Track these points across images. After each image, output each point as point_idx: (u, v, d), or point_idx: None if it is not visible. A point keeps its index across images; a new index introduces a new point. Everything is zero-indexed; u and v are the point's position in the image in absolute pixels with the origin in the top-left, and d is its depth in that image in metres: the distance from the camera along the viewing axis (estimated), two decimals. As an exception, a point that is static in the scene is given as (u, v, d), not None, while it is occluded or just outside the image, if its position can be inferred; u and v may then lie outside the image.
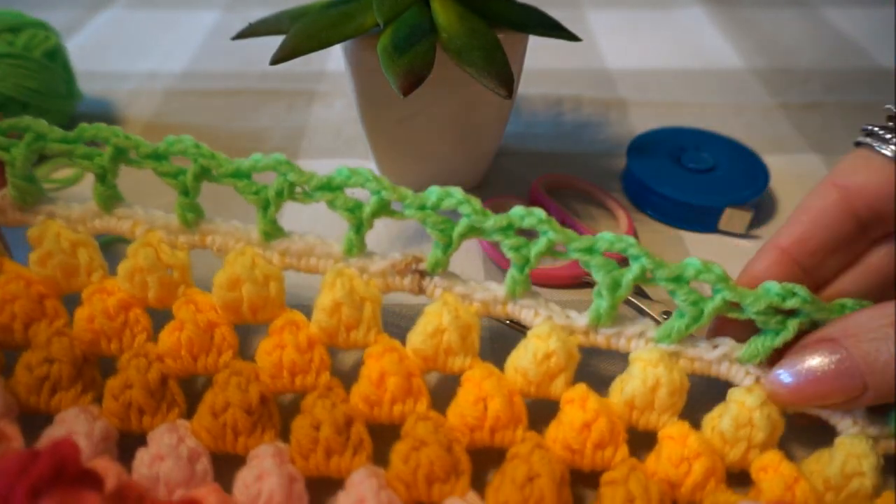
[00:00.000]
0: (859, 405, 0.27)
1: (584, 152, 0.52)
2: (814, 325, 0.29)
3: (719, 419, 0.28)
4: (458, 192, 0.29)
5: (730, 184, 0.44)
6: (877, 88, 0.61)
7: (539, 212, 0.29)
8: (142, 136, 0.31)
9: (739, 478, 0.28)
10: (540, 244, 0.29)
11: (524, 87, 0.50)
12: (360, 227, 0.30)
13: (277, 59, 0.35)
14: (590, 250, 0.29)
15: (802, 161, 0.51)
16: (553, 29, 0.39)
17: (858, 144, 0.31)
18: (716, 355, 0.29)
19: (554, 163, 0.50)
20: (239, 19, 0.51)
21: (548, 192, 0.44)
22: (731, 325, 0.30)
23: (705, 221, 0.44)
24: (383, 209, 0.30)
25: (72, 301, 0.31)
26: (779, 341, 0.28)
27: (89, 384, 0.29)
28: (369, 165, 0.47)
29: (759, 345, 0.29)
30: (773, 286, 0.28)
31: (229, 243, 0.32)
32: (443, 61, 0.34)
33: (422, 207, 0.30)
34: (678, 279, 0.28)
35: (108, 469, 0.25)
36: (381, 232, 0.44)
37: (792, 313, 0.28)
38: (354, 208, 0.30)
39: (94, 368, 0.30)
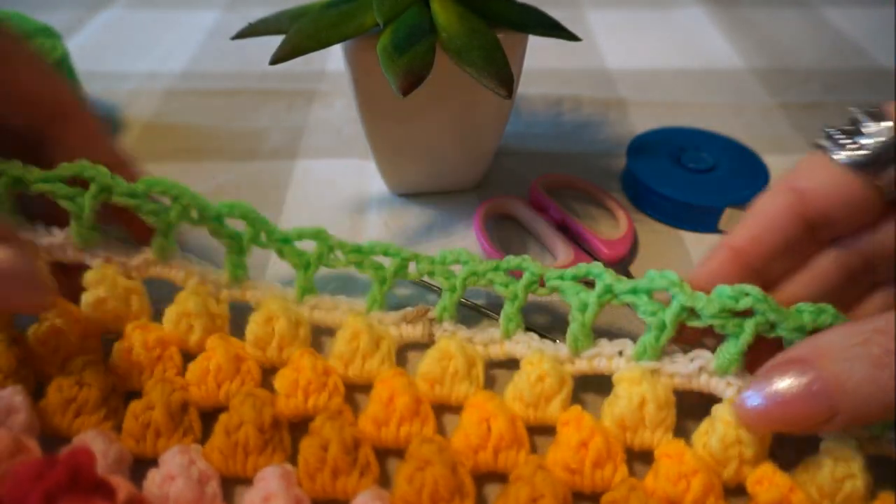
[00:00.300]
0: (830, 429, 0.26)
1: (583, 152, 0.52)
2: (772, 327, 0.29)
3: (707, 437, 0.29)
4: (463, 252, 0.33)
5: (730, 184, 0.44)
6: (877, 88, 0.60)
7: (525, 257, 0.33)
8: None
9: (736, 491, 0.29)
10: (524, 280, 0.32)
11: (524, 87, 0.50)
12: (383, 284, 0.34)
13: (277, 59, 0.35)
14: (561, 277, 0.32)
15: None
16: (553, 29, 0.39)
17: (817, 146, 0.31)
18: (693, 369, 0.30)
19: (554, 163, 0.50)
20: (239, 19, 0.51)
21: (547, 192, 0.44)
22: (692, 330, 0.30)
23: (705, 221, 0.44)
24: (403, 269, 0.34)
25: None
26: (741, 345, 0.29)
27: (112, 413, 0.30)
28: (369, 165, 0.47)
29: (726, 353, 0.29)
30: (725, 289, 0.29)
31: (267, 298, 0.34)
32: (442, 61, 0.34)
33: (431, 263, 0.34)
34: (634, 291, 0.30)
35: (120, 484, 0.26)
36: (382, 233, 0.44)
37: (747, 315, 0.29)
38: (380, 268, 0.34)
39: (119, 399, 0.31)
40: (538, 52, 0.46)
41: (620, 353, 0.31)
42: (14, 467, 0.24)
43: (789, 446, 0.30)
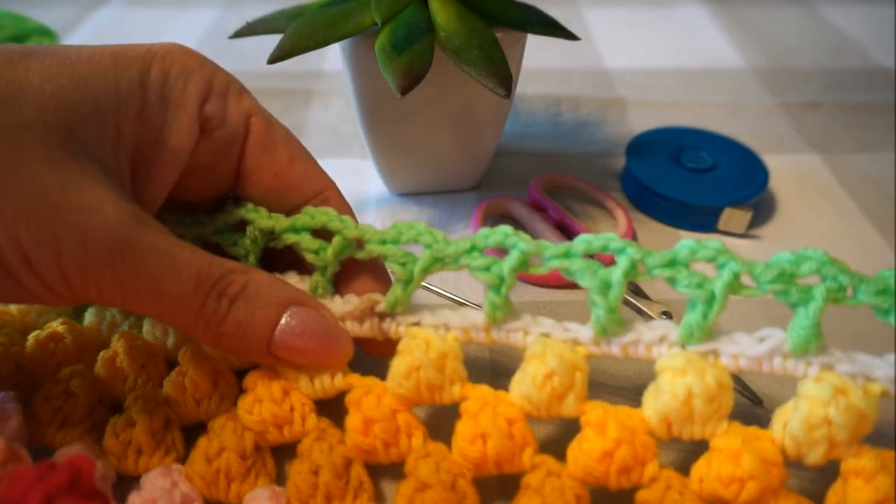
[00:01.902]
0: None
1: (582, 152, 0.51)
2: (842, 292, 0.25)
3: (792, 412, 0.25)
4: (420, 225, 0.29)
5: (729, 183, 0.44)
6: (877, 88, 0.60)
7: (504, 228, 0.28)
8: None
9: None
10: (511, 260, 0.27)
11: (522, 87, 0.50)
12: (324, 270, 0.30)
13: (275, 59, 0.35)
14: (567, 255, 0.27)
15: (802, 161, 0.51)
16: (551, 28, 0.39)
17: None
18: (763, 350, 0.26)
19: (552, 163, 0.49)
20: (236, 18, 0.51)
21: (546, 193, 0.44)
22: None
23: (705, 221, 0.44)
24: (347, 248, 0.29)
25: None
26: (812, 316, 0.25)
27: (97, 425, 0.29)
28: (368, 165, 0.47)
29: (799, 328, 0.25)
30: (784, 254, 0.26)
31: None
32: (441, 60, 0.34)
33: (382, 242, 0.29)
34: (672, 263, 0.26)
35: (108, 499, 0.26)
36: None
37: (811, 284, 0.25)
38: (320, 249, 0.30)
39: (105, 410, 0.30)
40: (537, 52, 0.46)
41: (662, 340, 0.27)
42: (13, 469, 0.24)
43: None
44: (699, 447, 0.26)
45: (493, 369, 0.34)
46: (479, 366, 0.34)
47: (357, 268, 0.31)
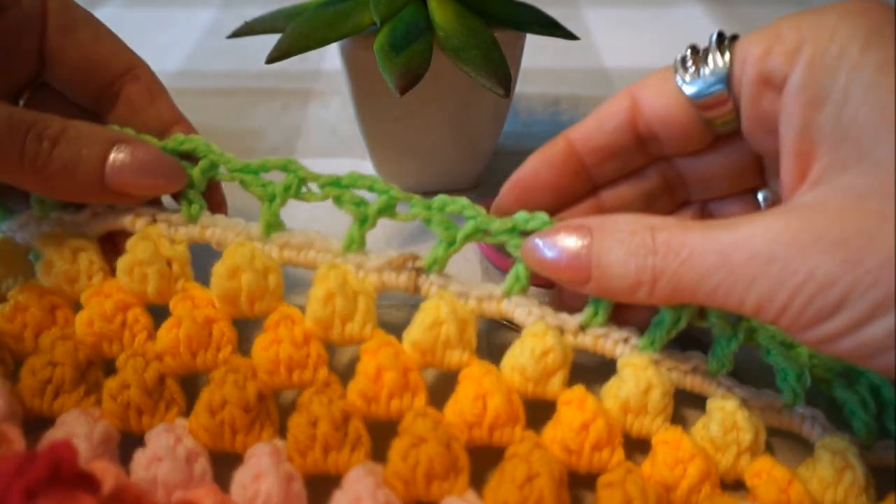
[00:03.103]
0: (585, 293, 0.29)
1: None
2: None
3: (705, 429, 0.29)
4: (464, 199, 0.31)
5: (728, 183, 0.44)
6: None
7: (542, 215, 0.30)
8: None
9: (735, 487, 0.29)
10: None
11: (521, 86, 0.50)
12: (363, 223, 0.31)
13: (273, 58, 0.35)
14: (428, 207, 0.31)
15: (801, 160, 0.51)
16: (550, 27, 0.39)
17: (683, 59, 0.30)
18: (689, 367, 0.30)
19: (552, 162, 0.49)
20: (235, 18, 0.51)
21: (545, 192, 0.44)
22: (632, 312, 0.31)
23: (704, 221, 0.43)
24: (390, 208, 0.31)
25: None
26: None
27: (93, 387, 0.29)
28: (366, 165, 0.47)
29: (720, 353, 0.30)
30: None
31: (229, 237, 0.32)
32: (440, 60, 0.34)
33: (427, 208, 0.31)
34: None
35: (107, 471, 0.25)
36: (377, 235, 0.43)
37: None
38: (361, 203, 0.31)
39: (98, 371, 0.30)
40: (536, 51, 0.46)
41: (626, 340, 0.31)
42: None
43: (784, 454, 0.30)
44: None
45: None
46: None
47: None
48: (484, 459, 0.28)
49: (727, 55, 0.28)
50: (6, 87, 0.33)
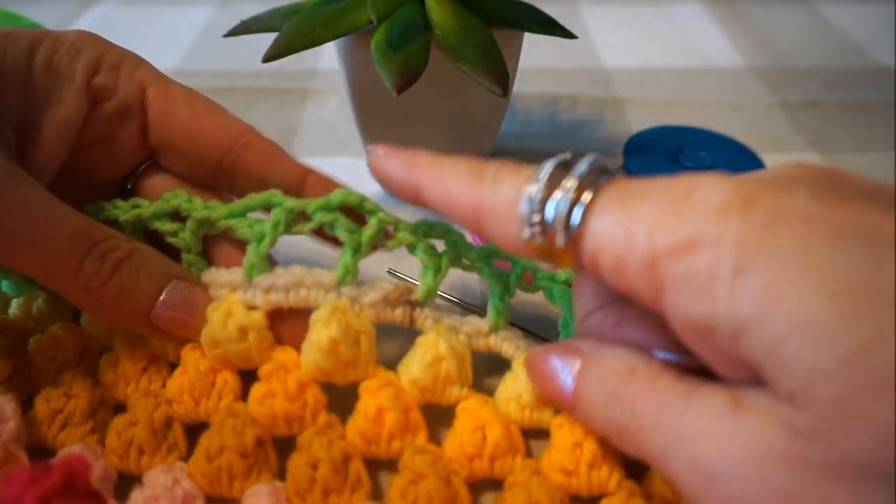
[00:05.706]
0: (572, 415, 0.27)
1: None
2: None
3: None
4: (445, 224, 0.30)
5: (728, 183, 0.44)
6: (876, 87, 0.60)
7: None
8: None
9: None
10: (516, 272, 0.31)
11: (519, 86, 0.50)
12: (356, 251, 0.29)
13: (270, 57, 0.35)
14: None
15: (801, 160, 0.51)
16: (548, 26, 0.38)
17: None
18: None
19: (550, 162, 0.49)
20: (231, 16, 0.50)
21: (544, 192, 0.44)
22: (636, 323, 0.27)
23: (703, 221, 0.43)
24: (380, 233, 0.30)
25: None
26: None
27: (99, 426, 0.29)
28: (363, 164, 0.47)
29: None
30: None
31: (217, 294, 0.30)
32: (437, 59, 0.34)
33: (413, 233, 0.30)
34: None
35: (108, 501, 0.26)
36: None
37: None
38: (354, 231, 0.29)
39: (107, 413, 0.30)
40: (534, 50, 0.46)
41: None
42: (9, 471, 0.24)
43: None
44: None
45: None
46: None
47: (218, 238, 0.32)
48: (485, 493, 0.28)
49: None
50: (111, 176, 0.33)
